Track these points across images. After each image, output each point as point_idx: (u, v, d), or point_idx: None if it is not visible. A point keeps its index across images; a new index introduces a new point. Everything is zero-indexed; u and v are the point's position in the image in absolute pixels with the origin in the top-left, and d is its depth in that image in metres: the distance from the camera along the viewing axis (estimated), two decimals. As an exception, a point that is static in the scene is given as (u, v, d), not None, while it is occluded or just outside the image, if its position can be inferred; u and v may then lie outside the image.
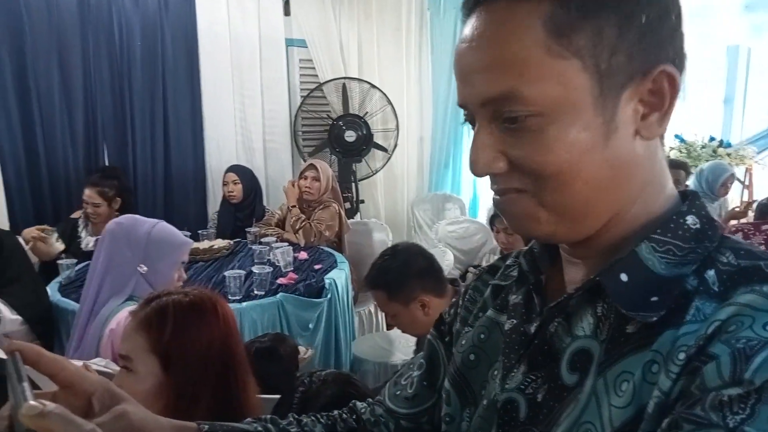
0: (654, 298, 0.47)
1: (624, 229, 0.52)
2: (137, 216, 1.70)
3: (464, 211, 4.63)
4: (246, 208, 3.50)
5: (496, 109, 0.50)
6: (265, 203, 3.72)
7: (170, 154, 3.77)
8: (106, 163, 3.54)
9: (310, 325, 2.40)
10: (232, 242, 3.08)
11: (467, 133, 4.79)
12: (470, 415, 0.62)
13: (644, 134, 0.50)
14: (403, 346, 2.85)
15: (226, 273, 2.39)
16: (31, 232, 2.71)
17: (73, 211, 3.16)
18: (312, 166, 3.32)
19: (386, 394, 0.77)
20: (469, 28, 0.51)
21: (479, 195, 5.02)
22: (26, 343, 0.51)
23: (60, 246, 2.77)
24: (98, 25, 3.42)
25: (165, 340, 1.03)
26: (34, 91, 3.23)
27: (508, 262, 0.70)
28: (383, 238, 3.70)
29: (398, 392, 0.75)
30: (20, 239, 2.55)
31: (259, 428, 0.68)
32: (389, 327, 3.33)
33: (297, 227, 3.17)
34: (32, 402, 0.42)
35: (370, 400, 0.79)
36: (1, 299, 2.12)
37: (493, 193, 0.55)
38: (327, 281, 2.53)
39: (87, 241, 2.89)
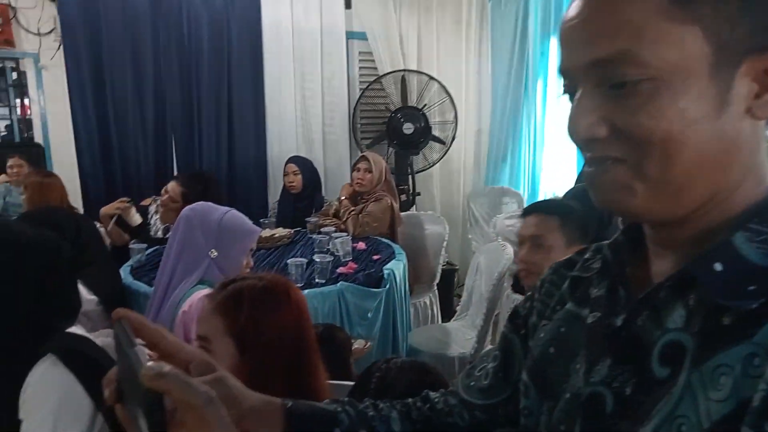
0: (752, 287, 0.46)
1: (719, 215, 0.51)
2: (210, 203, 1.77)
3: (522, 206, 4.55)
4: (305, 198, 3.57)
5: (604, 72, 0.49)
6: (323, 194, 3.79)
7: (234, 145, 3.89)
8: (174, 154, 3.69)
9: (369, 315, 2.43)
10: (292, 231, 3.15)
11: (527, 128, 4.71)
12: (550, 409, 0.62)
13: (757, 113, 0.48)
14: (459, 339, 2.85)
15: (289, 261, 2.45)
16: (112, 207, 2.86)
17: (144, 198, 3.32)
18: (364, 158, 3.36)
19: (460, 385, 0.77)
20: None
21: (539, 190, 4.92)
22: (132, 312, 0.53)
23: (139, 219, 2.92)
24: (168, 21, 3.57)
25: (241, 323, 1.07)
26: (108, 84, 3.41)
27: (587, 255, 0.70)
28: (439, 231, 3.69)
29: (472, 383, 0.75)
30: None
31: (339, 408, 0.70)
32: (447, 316, 3.34)
33: (345, 218, 3.23)
34: (151, 363, 0.44)
35: (443, 390, 0.80)
36: (79, 280, 2.24)
37: (584, 165, 0.54)
38: (386, 272, 2.56)
39: (156, 228, 3.02)
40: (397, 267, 2.66)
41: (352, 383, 1.31)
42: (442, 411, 0.75)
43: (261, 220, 3.31)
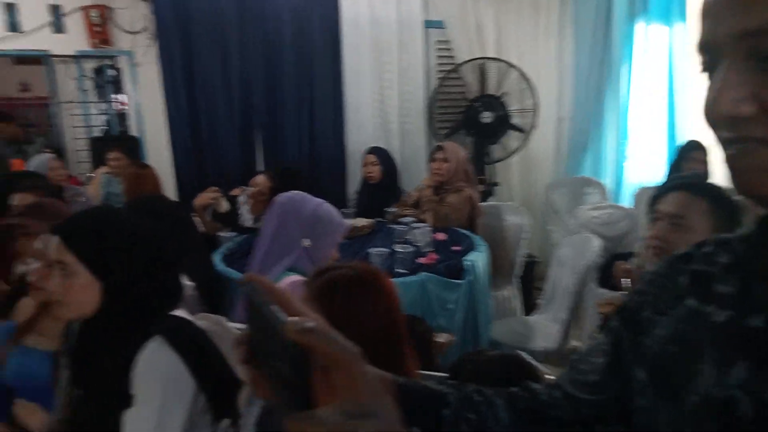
0: None
1: None
2: (304, 193, 1.82)
3: (606, 197, 4.37)
4: (384, 188, 3.60)
5: (756, 45, 0.45)
6: (400, 184, 3.80)
7: (315, 137, 3.99)
8: (259, 147, 3.83)
9: (450, 306, 2.42)
10: (373, 221, 3.18)
11: (611, 115, 4.51)
12: (671, 409, 0.59)
13: None
14: (542, 332, 2.78)
15: (371, 250, 2.48)
16: (206, 197, 3.01)
17: (232, 189, 3.46)
18: (440, 148, 3.33)
19: (565, 378, 0.75)
20: None
21: (624, 180, 4.71)
22: (259, 276, 0.54)
23: (227, 206, 3.06)
24: (253, 17, 3.69)
25: (334, 311, 1.09)
26: (198, 79, 3.57)
27: (707, 249, 0.65)
28: (519, 222, 3.61)
29: (579, 378, 0.73)
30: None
31: (446, 390, 0.69)
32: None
33: (424, 208, 3.23)
34: (295, 318, 0.44)
35: (545, 383, 0.78)
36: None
37: (724, 145, 0.49)
38: (467, 263, 2.53)
39: (246, 218, 3.15)
40: (478, 258, 2.63)
41: (442, 374, 1.31)
42: (546, 403, 0.73)
43: (341, 211, 3.36)
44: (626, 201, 4.46)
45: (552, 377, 1.16)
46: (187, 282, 2.34)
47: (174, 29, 3.53)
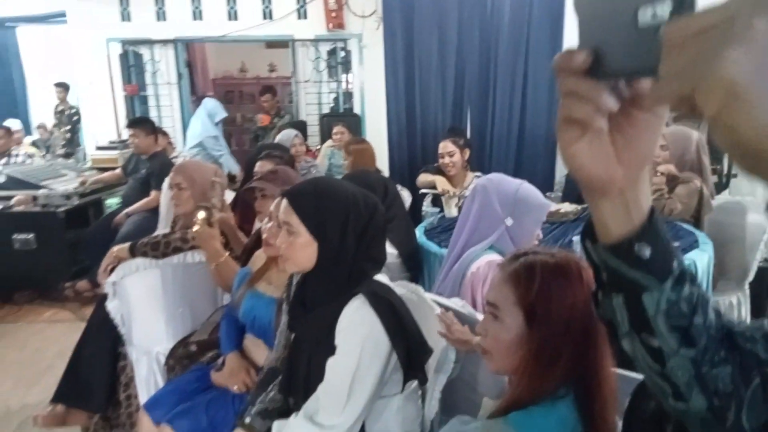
0: None
1: None
2: (502, 174, 1.82)
3: None
4: (596, 174, 3.38)
5: None
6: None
7: (525, 118, 3.90)
8: (469, 123, 3.87)
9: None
10: (579, 207, 3.02)
11: None
12: None
13: None
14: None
15: (574, 238, 2.37)
16: (430, 180, 3.16)
17: (436, 162, 3.57)
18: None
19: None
20: None
21: None
22: None
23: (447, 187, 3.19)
24: (473, -3, 3.72)
25: (531, 296, 1.07)
26: (417, 59, 3.73)
27: None
28: (758, 221, 3.10)
29: None
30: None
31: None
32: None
33: (652, 197, 2.93)
34: None
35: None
36: (384, 235, 2.56)
37: None
38: (686, 261, 2.27)
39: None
40: (701, 258, 2.34)
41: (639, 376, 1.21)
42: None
43: (546, 194, 3.25)
44: None
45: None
46: (391, 250, 2.51)
47: (399, 12, 3.72)
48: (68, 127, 6.57)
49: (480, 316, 1.39)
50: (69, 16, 5.32)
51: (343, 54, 5.01)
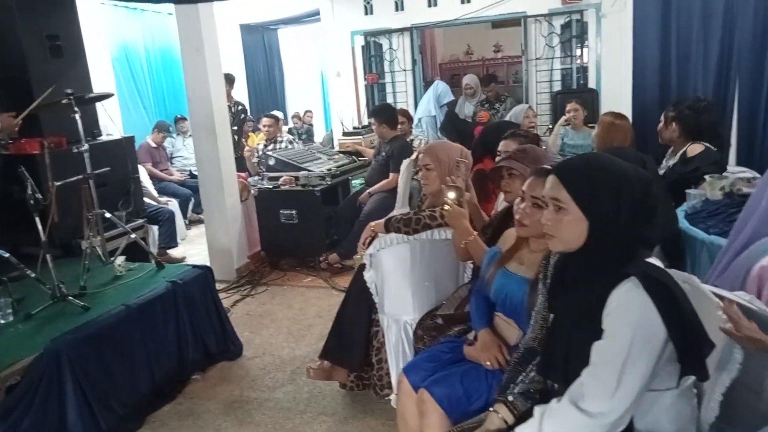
0: None
1: None
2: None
3: None
4: None
5: None
6: None
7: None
8: (736, 96, 3.35)
9: None
10: None
11: None
12: None
13: None
14: None
15: None
16: None
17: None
18: None
19: None
20: None
21: None
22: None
23: None
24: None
25: None
26: (674, 24, 3.34)
27: None
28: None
29: None
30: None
31: None
32: None
33: None
34: None
35: None
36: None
37: None
38: None
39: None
40: None
41: None
42: None
43: None
44: None
45: None
46: (647, 234, 2.30)
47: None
48: (234, 128, 5.20)
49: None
50: (322, 14, 5.98)
51: (578, 26, 4.75)
